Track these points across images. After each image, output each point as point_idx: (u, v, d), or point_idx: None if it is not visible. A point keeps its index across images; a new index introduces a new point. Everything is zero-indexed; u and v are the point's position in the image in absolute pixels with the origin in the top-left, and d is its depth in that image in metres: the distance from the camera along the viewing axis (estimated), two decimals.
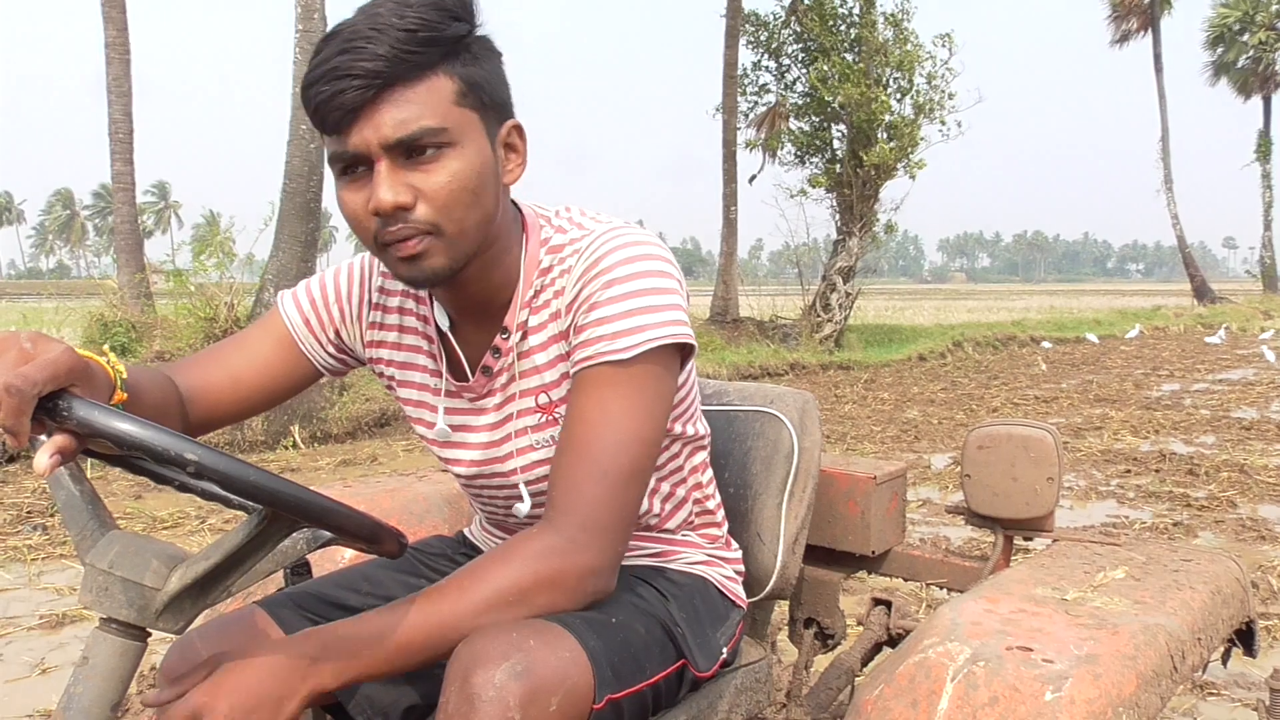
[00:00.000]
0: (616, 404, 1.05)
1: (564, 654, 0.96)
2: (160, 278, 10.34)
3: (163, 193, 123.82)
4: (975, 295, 53.36)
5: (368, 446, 7.22)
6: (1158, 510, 4.95)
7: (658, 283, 1.08)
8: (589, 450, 1.04)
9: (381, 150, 0.99)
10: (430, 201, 1.01)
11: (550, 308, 1.13)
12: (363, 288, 1.25)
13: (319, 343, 1.25)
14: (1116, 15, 31.33)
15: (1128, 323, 21.47)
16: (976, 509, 1.66)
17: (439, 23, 0.99)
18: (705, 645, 1.20)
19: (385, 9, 0.98)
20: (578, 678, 0.96)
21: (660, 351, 1.07)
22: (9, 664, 3.08)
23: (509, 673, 0.91)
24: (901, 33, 13.94)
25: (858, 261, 14.85)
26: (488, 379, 1.18)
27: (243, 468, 0.80)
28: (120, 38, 10.54)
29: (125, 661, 0.86)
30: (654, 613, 1.14)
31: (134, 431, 0.79)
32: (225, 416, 1.21)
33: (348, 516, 0.86)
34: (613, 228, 1.12)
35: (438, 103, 1.00)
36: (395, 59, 0.97)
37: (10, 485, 5.68)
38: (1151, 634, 1.09)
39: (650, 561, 1.27)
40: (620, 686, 1.03)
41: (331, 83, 0.97)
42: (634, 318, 1.06)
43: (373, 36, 0.96)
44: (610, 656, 1.02)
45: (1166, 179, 29.51)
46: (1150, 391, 10.11)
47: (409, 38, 0.97)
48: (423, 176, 1.00)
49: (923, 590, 3.33)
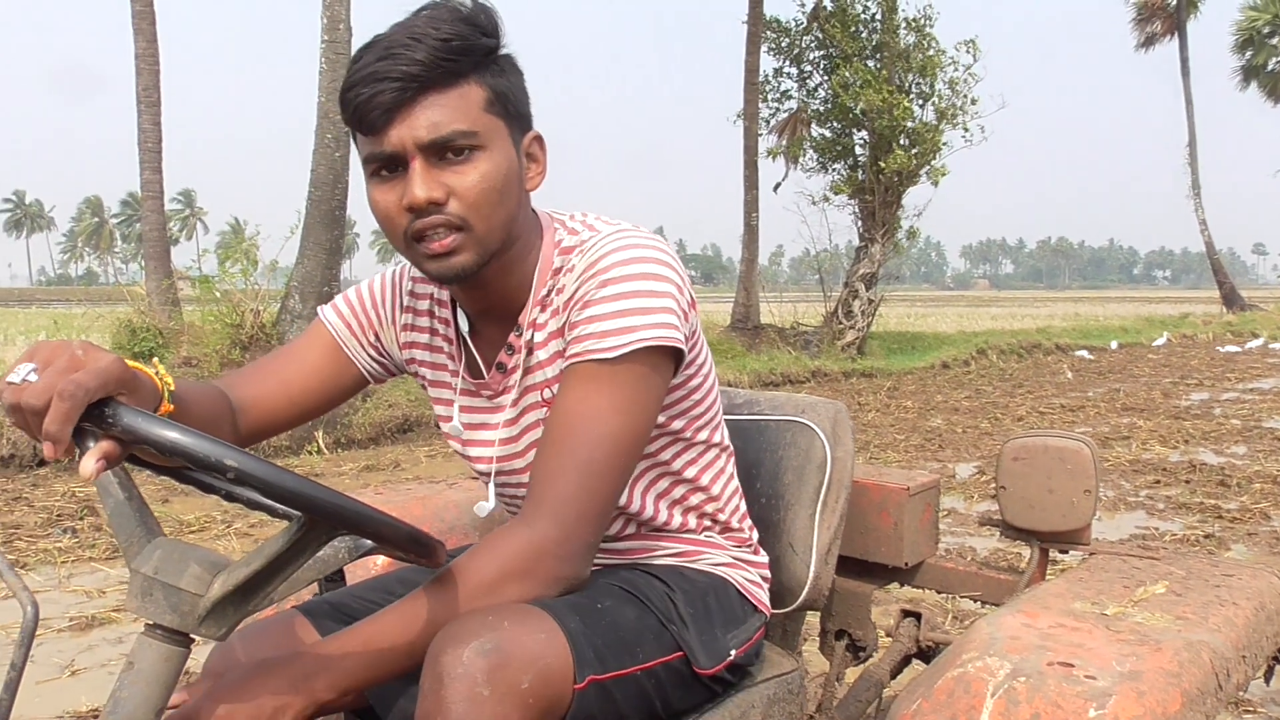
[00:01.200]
0: (598, 400, 1.08)
1: (538, 634, 0.98)
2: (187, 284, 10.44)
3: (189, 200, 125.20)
4: (999, 302, 52.99)
5: (390, 452, 7.26)
6: (1188, 522, 4.89)
7: (652, 285, 1.10)
8: (565, 444, 1.07)
9: (416, 149, 1.04)
10: (461, 199, 1.06)
11: (553, 305, 1.17)
12: (395, 293, 1.31)
13: (360, 345, 1.30)
14: (1141, 19, 31.03)
15: (1155, 330, 21.26)
16: (1012, 521, 1.64)
17: (471, 36, 1.06)
18: (710, 643, 1.20)
19: (421, 22, 1.05)
20: (552, 657, 0.98)
21: (648, 353, 1.09)
22: (40, 665, 3.11)
23: (477, 650, 0.94)
24: (923, 38, 13.89)
25: (880, 268, 14.79)
26: (503, 375, 1.22)
27: (281, 474, 0.80)
28: (150, 49, 10.66)
29: (169, 667, 0.87)
30: (650, 602, 1.16)
31: (177, 438, 0.80)
32: (278, 425, 1.26)
33: (385, 523, 0.87)
34: (619, 230, 1.16)
35: (469, 108, 1.06)
36: (431, 64, 1.03)
37: (41, 489, 5.74)
38: (1195, 651, 1.07)
39: (670, 560, 1.28)
40: (605, 669, 1.04)
41: (371, 85, 1.03)
42: (624, 318, 1.08)
43: (410, 44, 1.03)
44: (593, 639, 1.04)
45: (1194, 184, 29.19)
46: (1179, 400, 9.99)
47: (444, 46, 1.04)
48: (455, 176, 1.06)
49: (950, 602, 3.30)
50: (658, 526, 1.27)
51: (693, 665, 1.16)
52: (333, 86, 8.94)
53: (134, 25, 10.60)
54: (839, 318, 14.52)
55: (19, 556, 4.33)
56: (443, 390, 1.29)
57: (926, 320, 23.01)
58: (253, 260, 8.94)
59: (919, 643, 1.76)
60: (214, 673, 1.14)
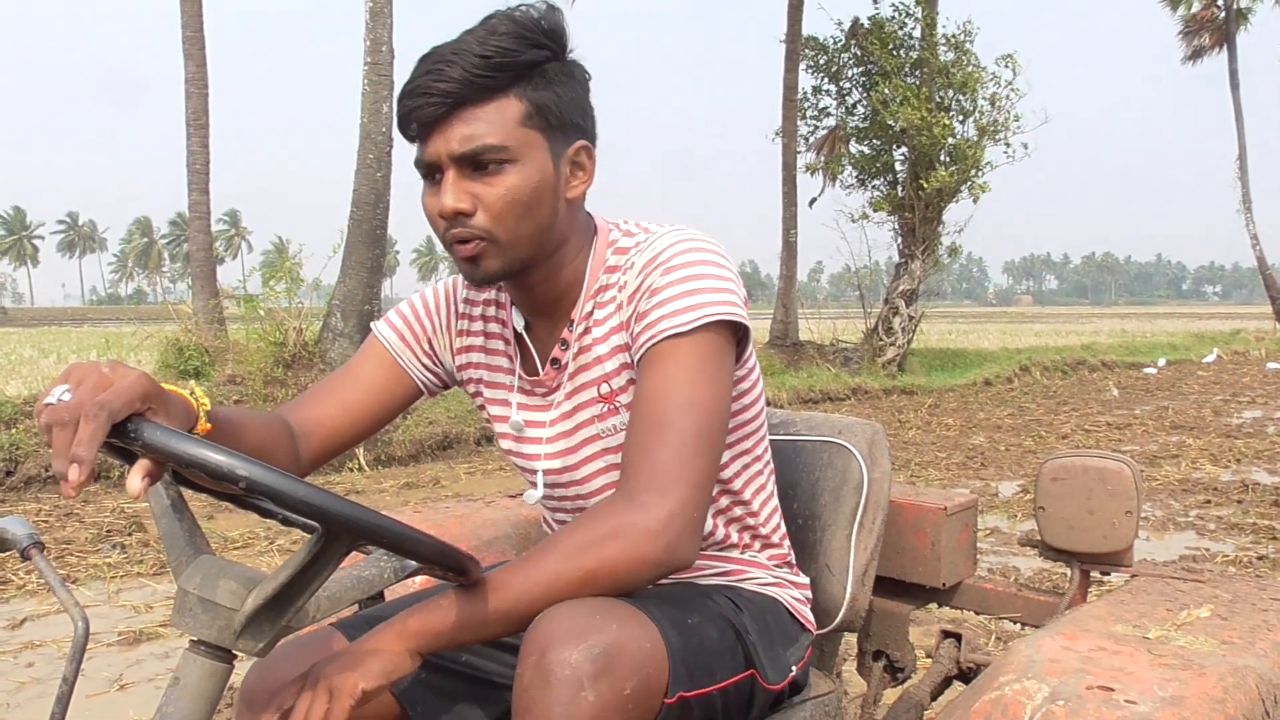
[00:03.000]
0: (680, 373, 1.09)
1: (644, 643, 0.97)
2: (232, 303, 10.62)
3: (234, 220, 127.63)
4: (1042, 318, 52.22)
5: (430, 469, 7.32)
6: (1240, 543, 4.77)
7: (715, 270, 1.14)
8: (655, 418, 1.08)
9: (449, 161, 1.10)
10: (487, 210, 1.11)
11: (614, 301, 1.19)
12: (448, 301, 1.34)
13: (414, 355, 1.32)
14: (1188, 31, 30.53)
15: (1205, 347, 20.83)
16: (1051, 542, 1.62)
17: (515, 50, 1.09)
18: (776, 660, 1.21)
19: (473, 35, 1.09)
20: (653, 668, 0.98)
21: (720, 327, 1.12)
22: (89, 679, 3.18)
23: (585, 653, 0.92)
24: (963, 54, 13.79)
25: (920, 284, 14.65)
26: (557, 371, 1.23)
27: (294, 484, 0.81)
28: (199, 73, 10.92)
29: (213, 683, 0.88)
30: (728, 619, 1.16)
31: (190, 450, 0.81)
32: (340, 444, 1.28)
33: (408, 536, 0.87)
34: (676, 229, 1.20)
35: (503, 122, 1.09)
36: (466, 82, 1.07)
37: (91, 505, 5.87)
38: (1240, 676, 1.05)
39: (720, 580, 1.28)
40: (693, 686, 1.04)
41: (415, 98, 1.09)
42: (692, 296, 1.11)
43: (452, 60, 1.07)
44: (686, 655, 1.04)
45: (1245, 198, 28.58)
46: (1230, 418, 9.77)
47: (482, 63, 1.07)
48: (483, 187, 1.10)
49: (993, 624, 3.25)
50: (703, 539, 1.27)
51: (762, 681, 1.17)
52: (375, 108, 9.10)
53: (184, 50, 10.88)
54: (879, 334, 14.41)
55: (70, 571, 4.43)
56: (499, 390, 1.30)
57: (968, 337, 22.75)
58: (296, 279, 9.08)
59: (959, 664, 1.74)
60: (252, 687, 1.15)
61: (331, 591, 0.95)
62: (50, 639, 3.56)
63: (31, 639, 3.56)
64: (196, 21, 10.86)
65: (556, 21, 1.13)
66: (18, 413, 6.99)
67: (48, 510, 5.68)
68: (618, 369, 1.19)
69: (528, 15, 1.11)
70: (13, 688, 3.12)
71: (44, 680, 3.19)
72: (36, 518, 5.46)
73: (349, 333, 9.10)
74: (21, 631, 3.66)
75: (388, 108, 9.14)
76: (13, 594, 4.10)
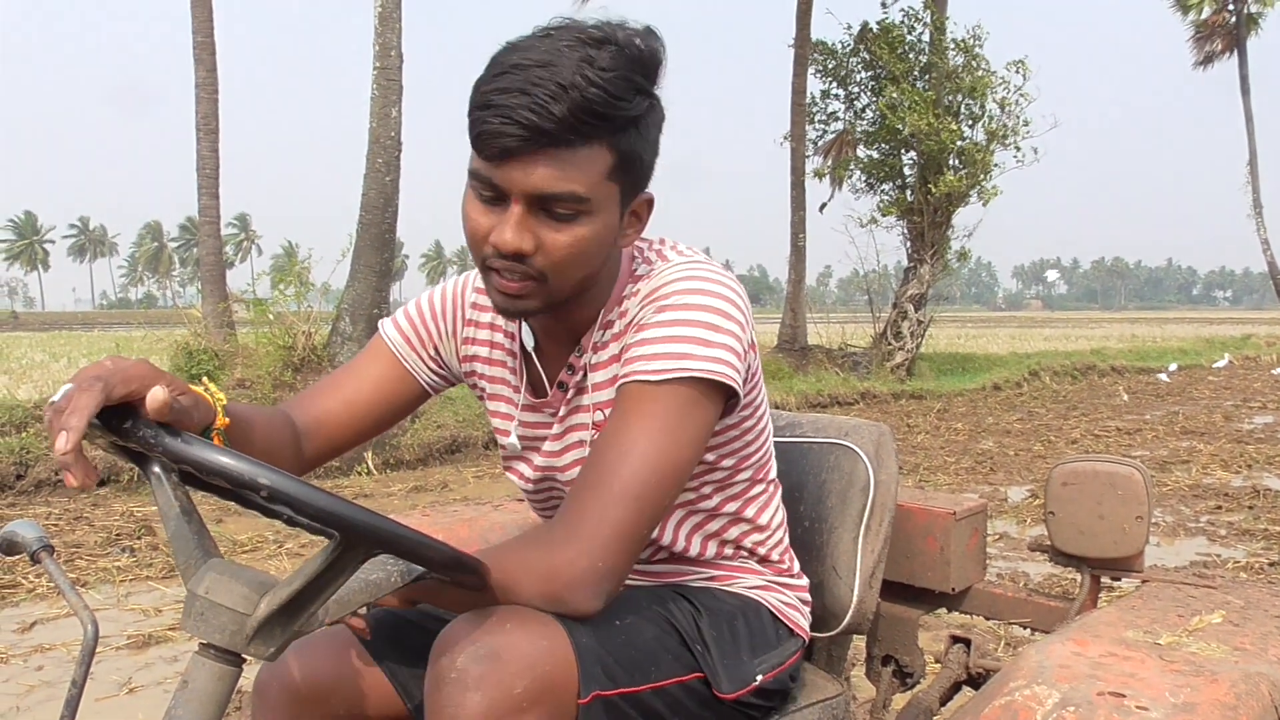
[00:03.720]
0: (637, 424, 1.05)
1: (541, 642, 0.97)
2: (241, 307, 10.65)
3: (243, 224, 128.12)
4: (1052, 323, 52.06)
5: (438, 473, 7.32)
6: (1252, 549, 4.74)
7: (713, 319, 1.08)
8: (599, 462, 1.05)
9: (522, 196, 1.01)
10: (547, 255, 1.04)
11: (614, 329, 1.17)
12: (456, 305, 1.31)
13: (420, 359, 1.31)
14: (1199, 36, 30.44)
15: (1215, 352, 20.73)
16: (1061, 547, 1.61)
17: (622, 99, 1.00)
18: (735, 667, 1.18)
19: (574, 61, 0.97)
20: (551, 667, 0.96)
21: (697, 383, 1.06)
22: (99, 683, 3.18)
23: (472, 655, 0.94)
24: (972, 59, 13.77)
25: (929, 289, 14.62)
26: (563, 394, 1.22)
27: (314, 493, 0.81)
28: (209, 78, 10.96)
29: (222, 686, 0.88)
30: (673, 622, 1.14)
31: (217, 459, 0.81)
32: (342, 443, 1.27)
33: (422, 543, 0.87)
34: (690, 261, 1.14)
35: (590, 173, 1.02)
36: (567, 125, 0.98)
37: (101, 509, 5.89)
38: (1253, 683, 1.04)
39: (702, 584, 1.27)
40: (614, 685, 1.02)
41: (500, 120, 0.97)
42: (677, 344, 1.06)
43: (555, 94, 0.96)
44: (603, 654, 1.02)
45: (1256, 203, 28.47)
46: (1242, 424, 9.72)
47: (586, 107, 0.98)
48: (550, 231, 1.03)
49: (1002, 629, 3.24)
50: (691, 557, 1.27)
51: (713, 689, 1.14)
52: (384, 112, 9.12)
53: (195, 55, 10.92)
54: (888, 339, 14.38)
55: (80, 575, 4.45)
56: (500, 404, 1.29)
57: (977, 341, 22.68)
58: (305, 283, 9.10)
59: (969, 669, 1.73)
60: (263, 689, 1.16)
61: (340, 595, 0.94)
62: (60, 642, 3.57)
63: (41, 642, 3.57)
64: (207, 26, 10.91)
65: (657, 54, 1.04)
66: (28, 416, 7.03)
67: (58, 514, 5.70)
68: (611, 401, 1.16)
69: (635, 49, 1.01)
70: (23, 691, 3.13)
71: (54, 684, 3.19)
72: (47, 521, 5.48)
73: (358, 336, 9.12)
74: (32, 635, 3.67)
75: (396, 112, 9.17)
76: (23, 597, 4.11)
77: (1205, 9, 29.52)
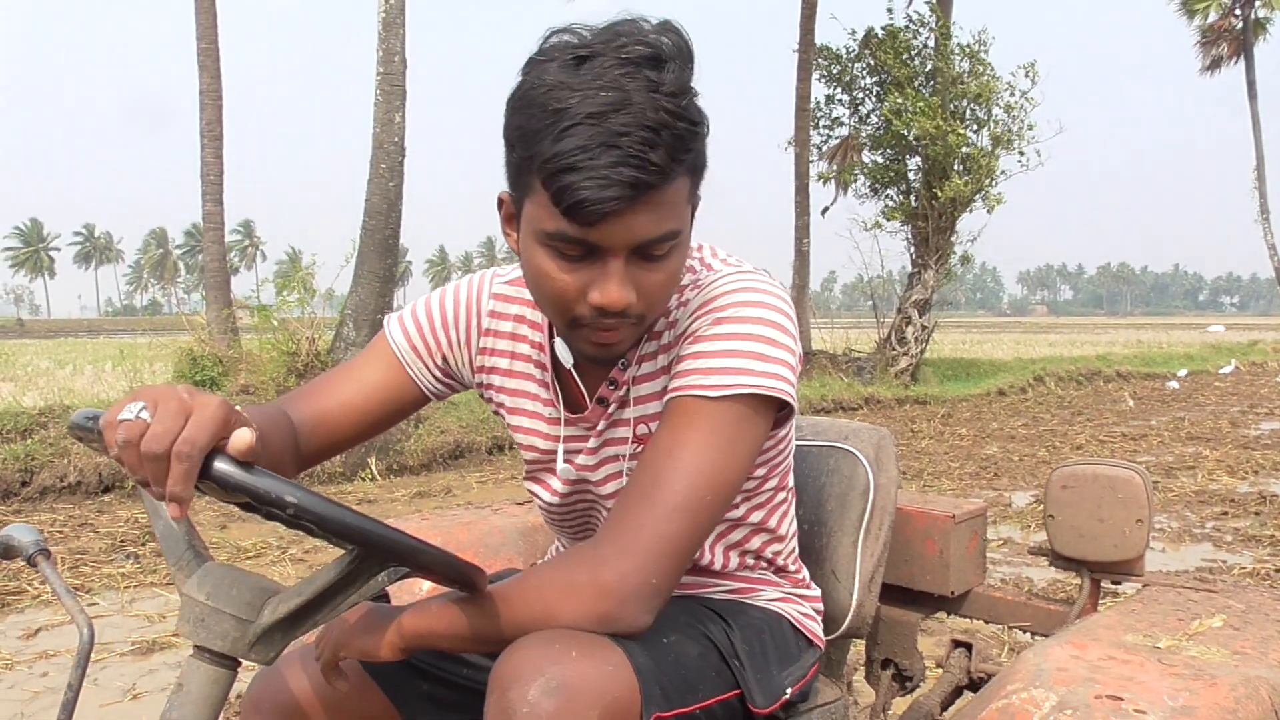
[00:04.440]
0: (692, 438, 1.02)
1: (606, 667, 0.94)
2: (246, 313, 10.68)
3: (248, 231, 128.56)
4: (1057, 329, 51.97)
5: (442, 479, 7.33)
6: (1258, 555, 4.72)
7: (770, 333, 1.05)
8: (651, 475, 1.02)
9: (624, 249, 0.97)
10: (647, 297, 1.01)
11: (663, 340, 1.13)
12: (470, 314, 1.26)
13: (425, 367, 1.26)
14: (1206, 41, 30.43)
15: (1222, 358, 20.68)
16: (1061, 550, 1.60)
17: (697, 125, 0.96)
18: (766, 682, 1.17)
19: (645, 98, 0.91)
20: (620, 692, 0.94)
21: (753, 399, 1.04)
22: (103, 689, 3.19)
23: (543, 688, 0.90)
24: (978, 64, 13.77)
25: (934, 294, 14.61)
26: (603, 409, 1.17)
27: (339, 511, 0.82)
28: (214, 85, 11.01)
29: (217, 689, 0.89)
30: (712, 639, 1.13)
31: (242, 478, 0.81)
32: (338, 444, 1.23)
33: (434, 557, 0.88)
34: (741, 271, 1.11)
35: (678, 204, 0.98)
36: (666, 171, 0.93)
37: (105, 515, 5.90)
38: (1253, 687, 1.03)
39: (726, 597, 1.26)
40: (669, 706, 1.01)
41: (597, 184, 0.91)
42: (735, 359, 1.03)
43: (649, 140, 0.91)
44: (659, 675, 1.00)
45: (1263, 208, 28.43)
46: (1248, 430, 9.69)
47: (681, 146, 0.94)
48: (648, 274, 0.99)
49: (1005, 633, 3.22)
50: (715, 570, 1.25)
51: (748, 705, 1.13)
52: (387, 117, 9.15)
53: (199, 62, 10.97)
54: (892, 344, 14.37)
55: (84, 581, 4.45)
56: (532, 420, 1.24)
57: (982, 347, 22.65)
58: (309, 289, 9.12)
59: (970, 674, 1.72)
60: (258, 692, 1.16)
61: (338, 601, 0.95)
62: (64, 648, 3.58)
63: (46, 649, 3.58)
64: (211, 34, 10.96)
65: (692, 49, 0.98)
66: (33, 423, 7.05)
67: (62, 520, 5.71)
68: (657, 414, 1.12)
69: (682, 54, 0.96)
70: (27, 697, 3.13)
71: (58, 690, 3.20)
72: (51, 528, 5.49)
73: (361, 342, 9.13)
74: (35, 641, 3.68)
75: (400, 117, 9.19)
76: (28, 603, 4.12)
77: (1212, 14, 29.51)
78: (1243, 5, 29.03)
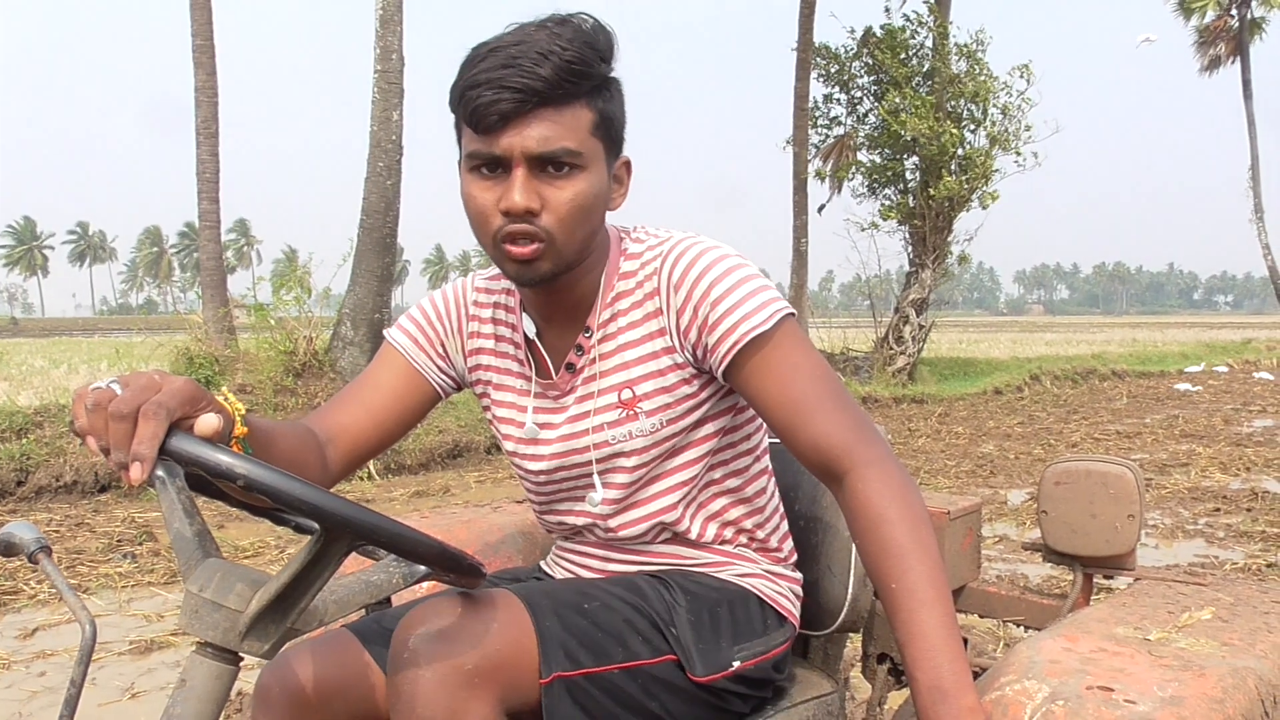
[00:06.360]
0: (794, 355, 1.14)
1: (493, 623, 1.03)
2: (242, 312, 10.66)
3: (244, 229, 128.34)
4: (1053, 328, 52.03)
5: (440, 478, 7.34)
6: (1250, 551, 4.75)
7: (752, 269, 1.19)
8: (806, 396, 1.12)
9: (523, 158, 1.10)
10: (553, 213, 1.12)
11: (643, 307, 1.22)
12: (459, 304, 1.36)
13: (429, 358, 1.35)
14: (1203, 41, 30.47)
15: (1216, 357, 20.73)
16: (1054, 546, 1.62)
17: (592, 61, 1.11)
18: (711, 653, 1.19)
19: (545, 38, 1.09)
20: (505, 646, 1.02)
21: (789, 317, 1.16)
22: (101, 688, 3.19)
23: (424, 635, 1.00)
24: (975, 64, 13.79)
25: (931, 293, 14.64)
26: (571, 375, 1.26)
27: (290, 482, 0.83)
28: (209, 82, 10.97)
29: (219, 684, 0.89)
30: (644, 605, 1.17)
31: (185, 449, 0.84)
32: (368, 449, 1.31)
33: (393, 531, 0.87)
34: (689, 235, 1.23)
35: (578, 129, 1.11)
36: (555, 82, 1.08)
37: (102, 515, 5.90)
38: (1240, 677, 1.05)
39: (694, 568, 1.29)
40: (574, 666, 1.07)
41: (494, 90, 1.07)
42: (757, 296, 1.15)
43: (538, 60, 1.07)
44: (567, 638, 1.07)
45: (1257, 208, 28.49)
46: (1241, 427, 9.73)
47: (567, 68, 1.09)
48: (552, 190, 1.12)
49: (1000, 628, 3.24)
50: (692, 539, 1.28)
51: (687, 672, 1.16)
52: (385, 115, 9.15)
53: (194, 59, 10.92)
54: (889, 343, 14.39)
55: (81, 580, 4.46)
56: (514, 395, 1.32)
57: (979, 346, 22.68)
58: (306, 288, 9.11)
59: None
60: (265, 690, 1.16)
61: (339, 595, 0.95)
62: (62, 648, 3.59)
63: (44, 648, 3.58)
64: (206, 30, 10.92)
65: (610, 38, 1.15)
66: (29, 423, 7.04)
67: (59, 519, 5.71)
68: (646, 375, 1.21)
69: (595, 27, 1.13)
70: (25, 697, 3.14)
71: (56, 690, 3.20)
72: (48, 527, 5.49)
73: (359, 341, 9.14)
74: (34, 640, 3.68)
75: (397, 115, 9.19)
76: (24, 603, 4.13)
77: (1208, 13, 29.57)
78: (1239, 5, 29.09)
